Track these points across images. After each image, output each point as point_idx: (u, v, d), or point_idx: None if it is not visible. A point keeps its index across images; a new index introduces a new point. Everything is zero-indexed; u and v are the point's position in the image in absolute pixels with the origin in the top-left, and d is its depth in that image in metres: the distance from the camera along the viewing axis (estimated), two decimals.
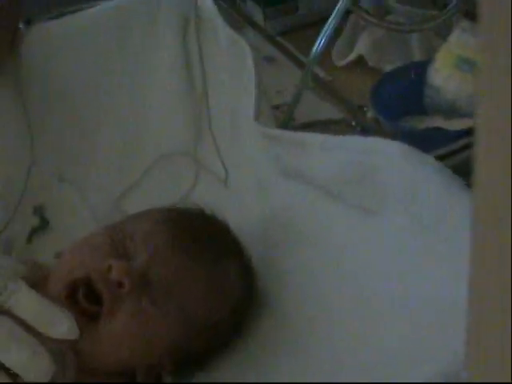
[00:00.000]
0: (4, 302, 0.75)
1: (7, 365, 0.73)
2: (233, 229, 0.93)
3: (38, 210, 1.06)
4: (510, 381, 0.37)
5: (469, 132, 1.04)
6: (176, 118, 1.09)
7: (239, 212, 1.00)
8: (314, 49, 1.01)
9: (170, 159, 1.09)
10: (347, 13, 1.21)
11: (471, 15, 1.20)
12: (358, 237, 0.86)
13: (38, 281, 0.82)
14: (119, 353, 0.81)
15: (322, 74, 1.31)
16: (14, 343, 0.74)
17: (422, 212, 0.79)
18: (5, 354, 0.73)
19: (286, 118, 1.06)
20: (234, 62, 1.03)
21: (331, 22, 1.00)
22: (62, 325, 0.76)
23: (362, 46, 1.36)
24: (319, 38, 1.01)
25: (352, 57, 1.37)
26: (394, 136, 0.98)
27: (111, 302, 0.80)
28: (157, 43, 1.10)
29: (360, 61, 1.37)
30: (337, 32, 1.27)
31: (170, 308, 0.82)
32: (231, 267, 0.88)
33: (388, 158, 0.83)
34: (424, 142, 0.93)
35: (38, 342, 0.75)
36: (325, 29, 1.01)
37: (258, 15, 1.45)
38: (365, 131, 1.14)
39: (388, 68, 1.35)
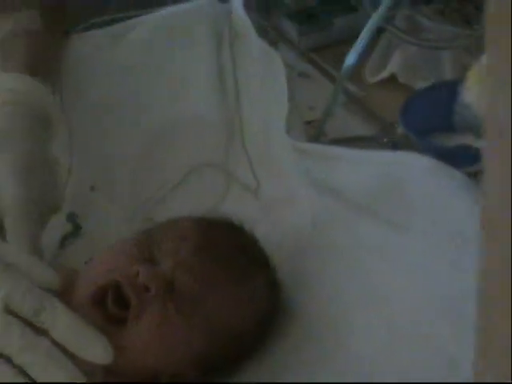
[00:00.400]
0: (42, 322, 0.76)
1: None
2: (261, 240, 0.94)
3: (71, 217, 1.07)
4: None
5: None
6: (208, 129, 1.11)
7: (268, 224, 1.01)
8: (345, 64, 1.02)
9: (202, 170, 1.10)
10: (381, 30, 1.22)
11: None
12: (386, 251, 0.87)
13: (67, 286, 0.83)
14: (143, 359, 0.81)
15: (354, 90, 1.32)
16: (51, 365, 0.75)
17: (449, 227, 0.80)
18: (42, 375, 0.75)
19: (317, 133, 1.07)
20: (266, 75, 1.04)
21: (362, 38, 1.01)
22: (97, 349, 0.77)
23: (394, 64, 1.36)
24: (350, 54, 1.02)
25: (385, 74, 1.37)
26: (423, 152, 0.99)
27: (138, 307, 0.80)
28: (193, 56, 1.12)
29: (392, 78, 1.37)
30: (370, 49, 1.29)
31: (195, 316, 0.83)
32: (258, 278, 0.89)
33: (416, 172, 0.83)
34: (453, 159, 0.94)
35: (74, 365, 0.76)
36: (356, 45, 1.02)
37: (292, 31, 1.46)
38: (395, 148, 1.15)
39: (419, 85, 1.35)
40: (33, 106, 0.97)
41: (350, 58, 1.02)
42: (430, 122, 1.22)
